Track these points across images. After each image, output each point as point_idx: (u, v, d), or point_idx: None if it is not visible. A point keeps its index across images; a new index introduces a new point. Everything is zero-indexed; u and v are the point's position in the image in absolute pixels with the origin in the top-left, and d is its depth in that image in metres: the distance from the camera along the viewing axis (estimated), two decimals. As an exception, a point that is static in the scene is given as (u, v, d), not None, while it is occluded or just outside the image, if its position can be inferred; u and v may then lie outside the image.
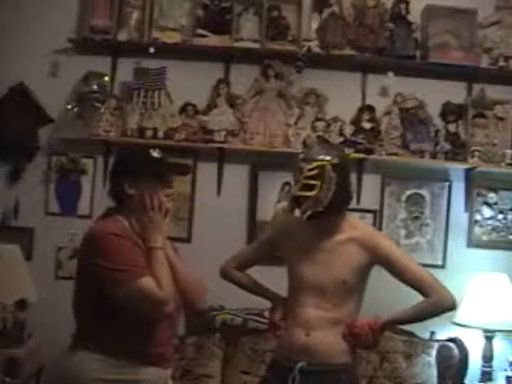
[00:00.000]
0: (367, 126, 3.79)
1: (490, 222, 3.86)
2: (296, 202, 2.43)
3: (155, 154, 2.29)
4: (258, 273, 2.72)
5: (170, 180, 2.29)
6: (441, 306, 2.39)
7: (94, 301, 2.14)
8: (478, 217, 3.86)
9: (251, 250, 2.80)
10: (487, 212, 3.86)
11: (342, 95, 3.84)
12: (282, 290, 2.59)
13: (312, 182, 2.37)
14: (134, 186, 2.23)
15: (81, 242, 2.22)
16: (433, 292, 2.36)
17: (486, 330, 3.56)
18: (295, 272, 2.50)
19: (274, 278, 2.61)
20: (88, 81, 3.79)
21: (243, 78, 3.83)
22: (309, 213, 2.38)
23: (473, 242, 3.85)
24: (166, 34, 3.79)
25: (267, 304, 2.67)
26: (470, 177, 3.83)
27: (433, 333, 3.63)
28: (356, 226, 2.50)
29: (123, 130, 3.75)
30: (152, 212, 2.22)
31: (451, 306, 2.40)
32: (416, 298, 2.43)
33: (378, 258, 2.42)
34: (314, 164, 2.38)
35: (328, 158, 2.39)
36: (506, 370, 3.54)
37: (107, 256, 2.09)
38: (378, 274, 2.51)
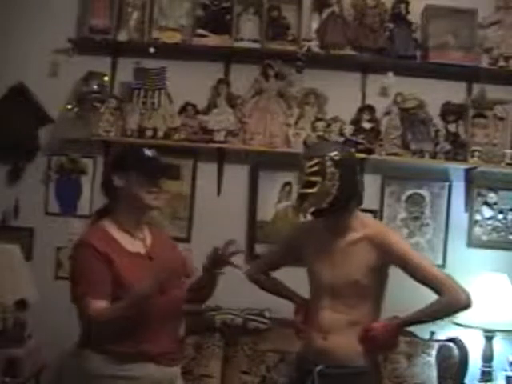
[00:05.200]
0: (367, 126, 3.79)
1: (489, 222, 3.86)
2: (301, 200, 2.40)
3: (148, 152, 2.35)
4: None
5: (158, 180, 2.33)
6: (456, 304, 2.32)
7: None
8: (478, 217, 3.86)
9: (273, 253, 2.82)
10: (487, 212, 3.86)
11: (341, 95, 3.83)
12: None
13: (313, 178, 2.34)
14: (123, 178, 2.29)
15: None
16: (447, 290, 2.29)
17: (486, 330, 3.56)
18: (312, 274, 2.49)
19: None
20: (88, 81, 3.79)
21: (243, 78, 3.82)
22: (311, 210, 2.36)
23: (473, 242, 3.85)
24: (165, 34, 3.79)
25: (266, 304, 2.67)
26: (469, 177, 3.82)
27: (433, 333, 3.62)
28: (368, 224, 2.46)
29: (123, 129, 3.75)
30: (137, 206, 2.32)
31: (466, 304, 2.32)
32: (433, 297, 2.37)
33: (390, 257, 2.37)
34: (315, 160, 2.35)
35: (329, 154, 2.36)
36: (506, 370, 3.55)
37: (73, 267, 2.28)
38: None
